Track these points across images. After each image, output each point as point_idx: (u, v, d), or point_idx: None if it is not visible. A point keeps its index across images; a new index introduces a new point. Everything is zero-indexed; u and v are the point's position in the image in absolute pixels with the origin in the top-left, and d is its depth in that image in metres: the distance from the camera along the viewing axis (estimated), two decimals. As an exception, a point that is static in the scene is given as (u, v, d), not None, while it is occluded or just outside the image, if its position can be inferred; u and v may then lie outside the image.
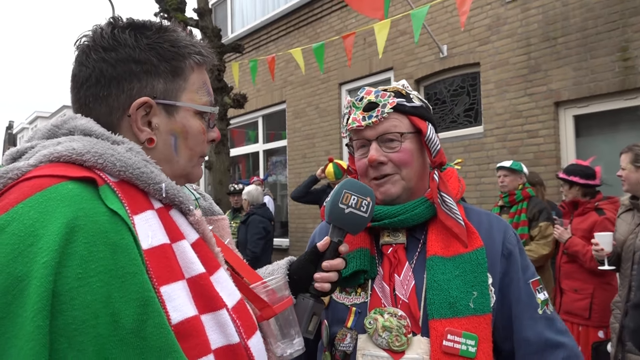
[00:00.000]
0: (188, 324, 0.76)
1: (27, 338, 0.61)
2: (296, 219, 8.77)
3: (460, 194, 1.37)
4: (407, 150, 1.30)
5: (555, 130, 5.38)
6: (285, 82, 9.01)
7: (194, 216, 0.90)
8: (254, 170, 10.35)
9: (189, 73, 0.94)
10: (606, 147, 5.18)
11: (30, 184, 0.73)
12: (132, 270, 0.71)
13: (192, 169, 0.97)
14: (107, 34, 0.88)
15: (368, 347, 1.22)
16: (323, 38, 7.75)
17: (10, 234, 0.66)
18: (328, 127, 8.17)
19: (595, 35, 5.06)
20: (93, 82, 0.88)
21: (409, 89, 1.38)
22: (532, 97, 5.53)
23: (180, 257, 0.82)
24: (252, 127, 10.32)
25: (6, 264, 0.64)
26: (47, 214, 0.69)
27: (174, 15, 7.26)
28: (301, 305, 1.13)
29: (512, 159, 5.50)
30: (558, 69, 5.32)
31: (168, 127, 0.91)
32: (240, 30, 10.11)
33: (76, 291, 0.66)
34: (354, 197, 1.17)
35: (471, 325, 1.18)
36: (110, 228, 0.72)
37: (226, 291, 0.87)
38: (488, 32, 5.96)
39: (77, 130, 0.85)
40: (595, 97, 5.11)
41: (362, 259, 1.28)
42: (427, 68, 6.60)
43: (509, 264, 1.28)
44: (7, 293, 0.63)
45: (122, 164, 0.81)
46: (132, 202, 0.80)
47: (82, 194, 0.74)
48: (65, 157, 0.78)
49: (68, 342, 0.64)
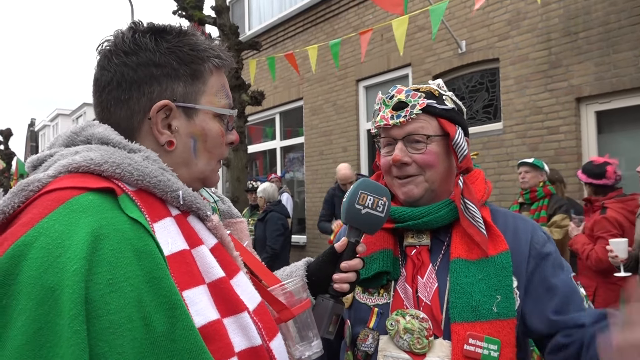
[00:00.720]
0: (211, 327, 0.78)
1: (67, 344, 0.63)
2: (313, 215, 8.78)
3: (487, 195, 1.35)
4: (433, 153, 1.28)
5: (577, 126, 5.30)
6: (302, 79, 9.01)
7: (212, 222, 0.91)
8: (271, 167, 10.39)
9: (208, 76, 0.95)
10: (629, 143, 5.09)
11: (52, 197, 0.75)
12: (158, 275, 0.73)
13: (210, 172, 0.98)
14: (128, 39, 0.90)
15: (389, 348, 1.22)
16: (340, 34, 7.73)
17: (39, 248, 0.68)
18: (345, 124, 8.16)
19: (617, 29, 4.97)
20: (114, 85, 0.90)
21: (444, 89, 1.36)
22: (553, 93, 5.45)
23: (200, 262, 0.83)
24: (270, 124, 10.35)
25: (38, 276, 0.66)
26: (72, 226, 0.71)
27: (192, 13, 7.31)
28: (321, 306, 1.13)
29: (532, 155, 5.43)
30: (579, 64, 5.23)
31: (187, 130, 0.93)
32: (258, 27, 10.13)
33: (109, 296, 0.68)
34: (370, 198, 1.17)
35: (494, 329, 1.17)
36: (133, 235, 0.74)
37: (246, 294, 0.88)
38: (508, 27, 5.88)
39: (94, 139, 0.87)
40: (617, 92, 5.01)
41: (385, 260, 1.28)
42: (446, 64, 6.55)
43: (538, 264, 1.25)
44: (43, 304, 0.65)
45: (140, 173, 0.82)
46: (151, 210, 0.82)
47: (103, 204, 0.76)
48: (83, 167, 0.80)
49: (108, 346, 0.66)
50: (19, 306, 0.65)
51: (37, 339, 0.63)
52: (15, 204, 0.77)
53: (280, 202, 6.51)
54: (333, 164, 8.36)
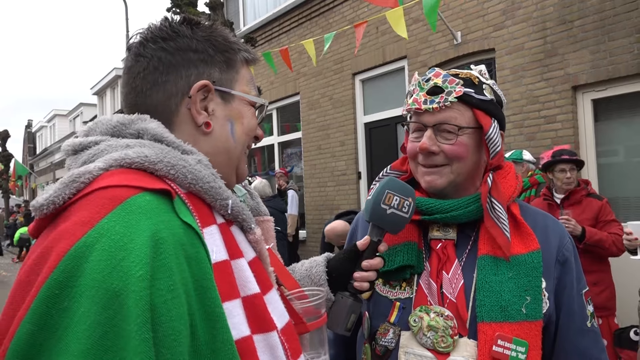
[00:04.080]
0: (244, 343, 0.77)
1: (135, 351, 0.62)
2: (312, 210, 8.79)
3: (517, 192, 1.29)
4: (463, 145, 1.21)
5: (574, 115, 5.30)
6: (298, 74, 9.00)
7: (254, 235, 0.90)
8: (270, 163, 10.39)
9: (240, 66, 0.97)
10: (626, 130, 5.10)
11: (109, 195, 0.72)
12: (206, 285, 0.73)
13: (242, 161, 0.98)
14: (165, 26, 0.92)
15: (411, 345, 1.18)
16: (335, 28, 7.71)
17: (101, 250, 0.66)
18: (342, 118, 8.15)
19: (612, 17, 4.96)
20: (151, 69, 0.90)
21: (486, 77, 1.28)
22: (549, 82, 5.45)
23: (238, 275, 0.82)
24: (267, 119, 10.33)
25: (102, 280, 0.64)
26: (132, 228, 0.69)
27: (187, 10, 7.28)
28: (340, 304, 1.13)
29: (529, 145, 5.44)
30: (575, 53, 5.23)
31: (224, 113, 0.93)
32: (252, 23, 10.10)
33: (171, 303, 0.67)
34: (396, 198, 1.14)
35: (522, 331, 1.12)
36: (186, 241, 0.73)
37: (277, 312, 0.87)
38: (502, 17, 5.87)
39: (147, 134, 0.85)
40: (613, 80, 5.01)
41: (410, 253, 1.24)
42: (442, 55, 6.54)
43: (564, 272, 1.21)
44: (108, 308, 0.63)
45: (194, 176, 0.81)
46: (200, 215, 0.80)
47: (160, 207, 0.74)
48: (137, 164, 0.78)
49: (171, 353, 0.66)
50: (81, 309, 0.63)
51: (102, 344, 0.62)
52: (66, 195, 0.74)
53: (276, 196, 6.47)
54: (331, 158, 8.37)
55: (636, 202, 4.95)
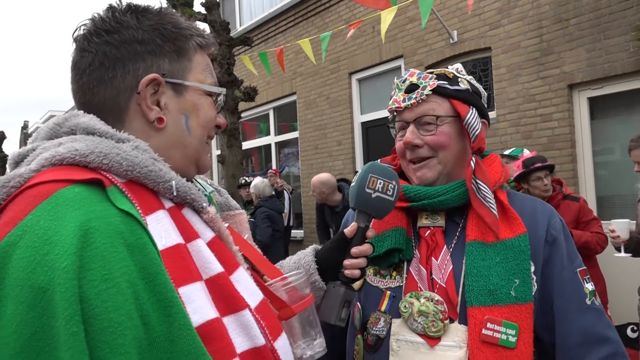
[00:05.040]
0: (210, 326, 0.73)
1: (65, 347, 0.59)
2: (310, 210, 8.78)
3: (504, 178, 1.32)
4: (444, 134, 1.26)
5: (570, 113, 5.31)
6: (295, 74, 8.99)
7: (208, 214, 0.85)
8: (267, 163, 10.37)
9: (192, 54, 0.91)
10: (622, 129, 5.10)
11: (35, 192, 0.69)
12: (153, 271, 0.68)
13: (204, 153, 0.94)
14: (108, 18, 0.86)
15: (402, 331, 1.19)
16: (332, 28, 7.70)
17: (24, 247, 0.63)
18: (339, 118, 8.14)
19: (608, 15, 4.96)
20: (96, 65, 0.85)
21: (462, 73, 1.34)
22: (545, 81, 5.45)
23: (197, 257, 0.78)
24: (264, 119, 10.33)
25: (25, 277, 0.61)
26: (58, 220, 0.65)
27: (183, 10, 7.26)
28: (332, 293, 1.10)
29: (525, 143, 5.45)
30: (571, 51, 5.23)
31: (178, 106, 0.89)
32: (249, 22, 10.08)
33: (106, 293, 0.63)
34: (380, 181, 1.13)
35: (512, 314, 1.14)
36: (125, 229, 0.69)
37: (247, 291, 0.83)
38: (498, 15, 5.87)
39: (79, 129, 0.82)
40: (609, 78, 5.02)
41: (398, 237, 1.25)
42: (438, 54, 6.54)
43: (552, 251, 1.22)
44: (35, 306, 0.60)
45: (129, 163, 0.77)
46: (142, 202, 0.76)
47: (91, 197, 0.70)
48: (68, 159, 0.75)
49: (109, 347, 0.61)
50: (8, 312, 0.60)
51: (33, 345, 0.59)
52: None
53: (273, 197, 6.45)
54: (328, 157, 8.36)
55: (632, 200, 4.95)
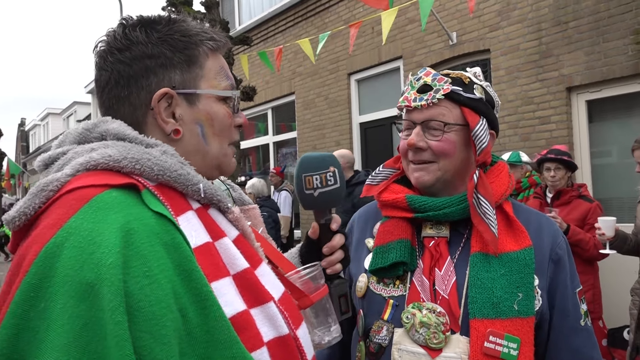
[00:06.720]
0: (240, 318, 0.79)
1: (111, 335, 0.63)
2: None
3: (510, 190, 1.30)
4: (450, 142, 1.24)
5: (568, 116, 5.32)
6: (294, 74, 8.99)
7: (233, 213, 0.90)
8: (264, 163, 10.37)
9: (204, 60, 0.93)
10: (620, 132, 5.12)
11: (75, 196, 0.74)
12: (188, 267, 0.74)
13: (224, 158, 0.97)
14: (119, 35, 0.90)
15: (404, 342, 1.19)
16: (331, 28, 7.71)
17: (71, 247, 0.67)
18: (338, 118, 8.15)
19: (607, 18, 4.98)
20: (113, 84, 0.89)
21: (480, 78, 1.31)
22: (544, 83, 5.46)
23: (224, 254, 0.84)
24: (262, 119, 10.32)
25: (74, 274, 0.65)
26: (100, 223, 0.70)
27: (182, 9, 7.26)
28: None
29: (524, 146, 5.46)
30: (570, 54, 5.24)
31: (192, 117, 0.91)
32: (248, 22, 10.08)
33: (148, 288, 0.68)
34: (316, 177, 1.10)
35: (514, 327, 1.13)
36: (160, 229, 0.74)
37: (270, 284, 0.88)
38: (498, 17, 5.88)
39: (109, 135, 0.86)
40: (608, 81, 5.03)
41: (402, 250, 1.24)
42: (437, 56, 6.55)
43: (557, 271, 1.23)
44: (84, 300, 0.64)
45: (160, 167, 0.82)
46: (173, 204, 0.81)
47: (127, 200, 0.75)
48: (102, 164, 0.79)
49: (153, 337, 0.66)
50: (58, 306, 0.64)
51: (83, 335, 0.63)
52: (36, 204, 0.76)
53: (270, 197, 6.42)
54: (326, 158, 8.34)
55: (629, 203, 4.97)
